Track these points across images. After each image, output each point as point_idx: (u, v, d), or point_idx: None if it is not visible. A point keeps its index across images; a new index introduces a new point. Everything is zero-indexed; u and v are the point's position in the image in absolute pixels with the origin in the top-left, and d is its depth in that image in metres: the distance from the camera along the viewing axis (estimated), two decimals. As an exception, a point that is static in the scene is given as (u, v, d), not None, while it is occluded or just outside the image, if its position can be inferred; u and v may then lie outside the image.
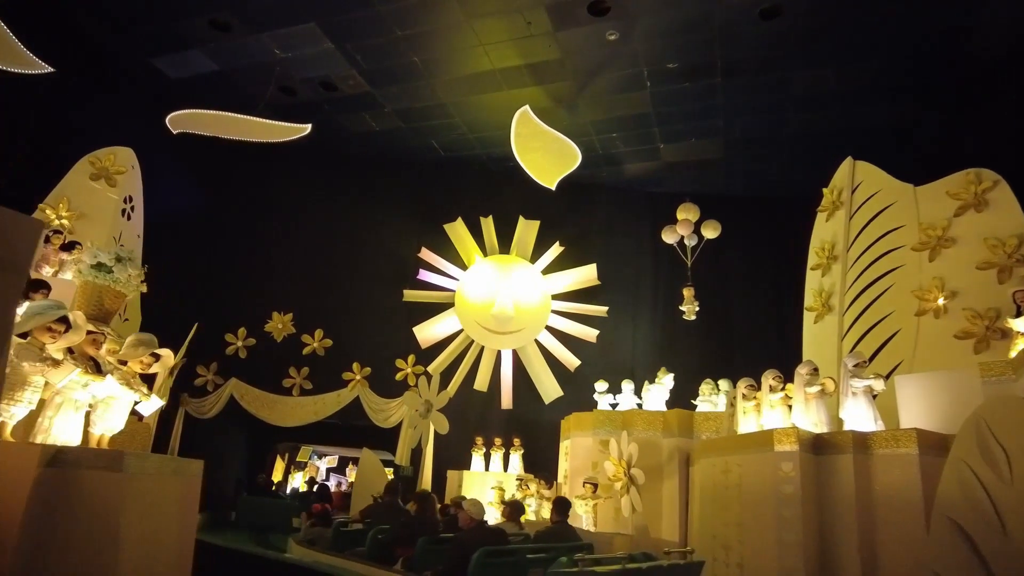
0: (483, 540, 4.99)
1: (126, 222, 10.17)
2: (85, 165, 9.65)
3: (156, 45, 10.68)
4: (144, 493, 3.31)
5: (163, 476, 3.51)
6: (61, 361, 3.56)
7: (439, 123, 12.28)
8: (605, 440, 9.42)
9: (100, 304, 3.90)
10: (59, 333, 3.64)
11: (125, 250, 3.99)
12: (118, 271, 3.90)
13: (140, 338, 4.31)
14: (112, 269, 3.89)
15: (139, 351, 4.23)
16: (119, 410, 4.10)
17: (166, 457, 3.70)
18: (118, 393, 4.13)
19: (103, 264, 3.86)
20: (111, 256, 3.90)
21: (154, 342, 4.33)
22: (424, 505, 6.27)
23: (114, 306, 3.99)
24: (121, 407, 4.12)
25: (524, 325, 12.94)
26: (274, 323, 12.72)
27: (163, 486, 3.51)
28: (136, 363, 4.25)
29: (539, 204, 13.17)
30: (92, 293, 3.90)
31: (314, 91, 11.63)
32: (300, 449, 19.65)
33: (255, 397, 12.17)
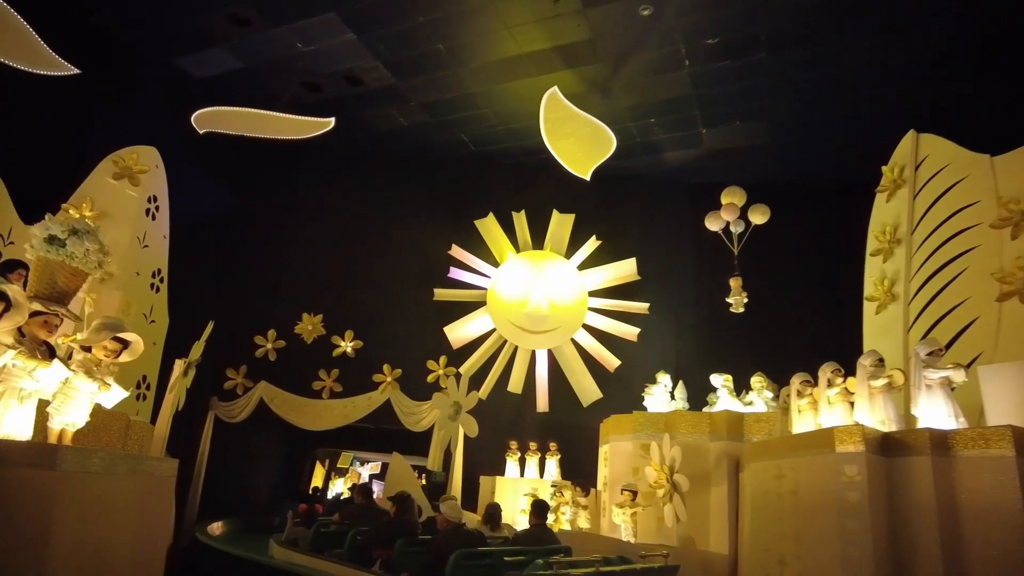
0: (459, 542, 5.01)
1: (151, 222, 10.01)
2: (108, 165, 9.52)
3: (179, 44, 10.55)
4: (85, 494, 2.86)
5: (114, 475, 3.05)
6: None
7: (467, 115, 11.82)
8: (646, 444, 8.72)
9: (53, 283, 3.48)
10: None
11: (83, 222, 3.56)
12: (72, 245, 3.48)
13: (104, 322, 3.90)
14: (65, 243, 3.46)
15: (101, 336, 3.82)
16: (79, 402, 3.69)
17: (121, 454, 3.27)
18: (79, 384, 3.73)
19: (55, 237, 3.45)
20: (64, 228, 3.48)
21: (119, 326, 3.91)
22: (402, 507, 6.20)
23: (70, 285, 3.57)
24: (82, 399, 3.71)
25: (559, 324, 12.32)
26: (304, 325, 12.46)
27: (114, 487, 3.05)
28: (99, 350, 3.84)
29: (574, 197, 12.58)
30: (45, 270, 3.49)
31: (339, 86, 11.34)
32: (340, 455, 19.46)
33: (284, 400, 11.90)
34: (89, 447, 3.06)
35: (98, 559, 2.90)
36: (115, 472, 3.07)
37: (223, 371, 12.03)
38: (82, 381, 3.73)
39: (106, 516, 2.98)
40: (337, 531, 6.78)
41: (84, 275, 3.71)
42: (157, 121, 11.01)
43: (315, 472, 17.56)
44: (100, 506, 2.96)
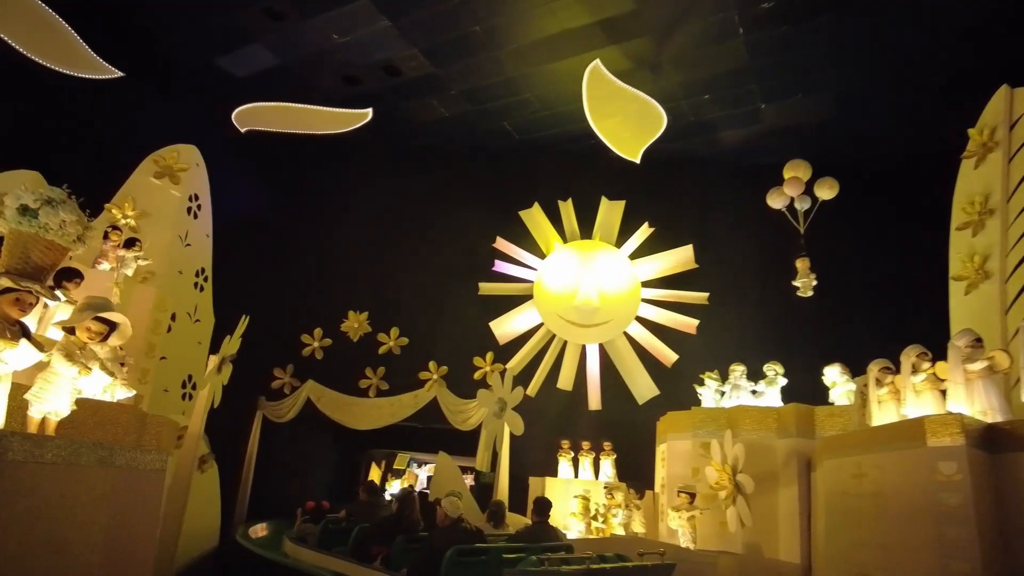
0: (455, 539, 5.00)
1: (193, 220, 9.97)
2: (149, 164, 9.52)
3: (217, 43, 10.49)
4: (37, 487, 2.49)
5: (77, 467, 2.68)
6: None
7: (509, 101, 11.35)
8: (706, 443, 8.03)
9: (26, 257, 3.18)
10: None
11: (58, 192, 3.24)
12: (45, 215, 3.17)
13: (87, 301, 3.61)
14: (37, 213, 3.14)
15: (83, 316, 3.52)
16: (59, 388, 3.38)
17: (88, 443, 2.91)
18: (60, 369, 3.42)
19: (27, 207, 3.14)
20: (37, 197, 3.16)
21: (104, 306, 3.60)
22: (403, 504, 6.22)
23: (45, 260, 3.26)
24: (63, 385, 3.40)
25: (611, 316, 11.67)
26: (350, 322, 12.27)
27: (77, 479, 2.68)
28: (83, 331, 3.54)
29: (624, 184, 11.94)
30: (17, 243, 3.19)
31: (377, 78, 11.07)
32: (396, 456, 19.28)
33: (331, 399, 11.72)
34: (44, 435, 2.70)
35: (56, 560, 2.54)
36: (78, 463, 2.70)
37: (270, 371, 11.94)
38: (62, 365, 3.43)
39: (66, 512, 2.62)
40: (343, 528, 6.84)
41: (62, 249, 3.40)
42: (199, 121, 11.04)
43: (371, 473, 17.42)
44: (58, 501, 2.60)
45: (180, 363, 9.02)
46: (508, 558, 4.61)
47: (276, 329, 12.13)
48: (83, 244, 3.52)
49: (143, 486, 3.19)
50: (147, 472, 3.24)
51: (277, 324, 12.08)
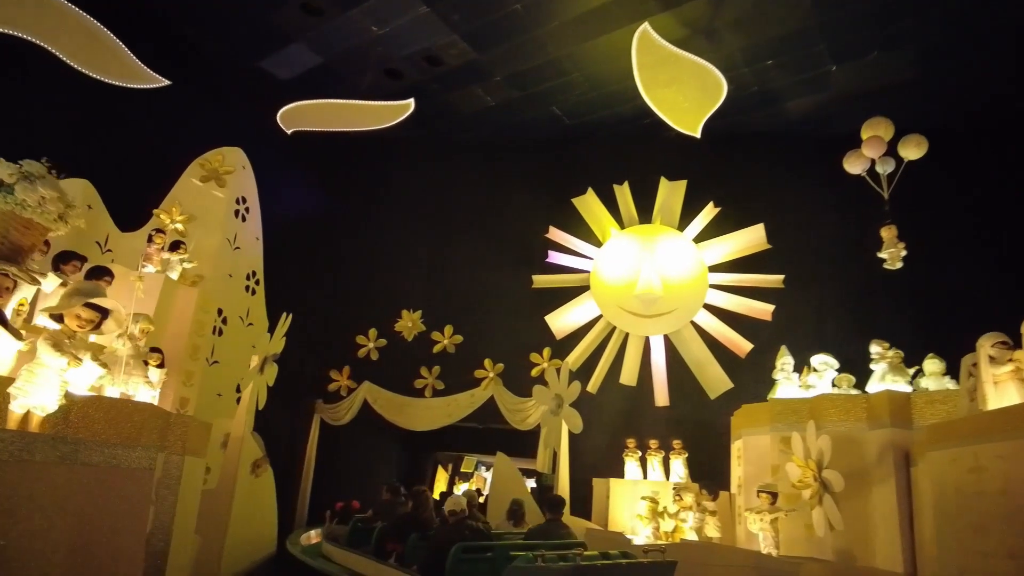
0: (459, 536, 5.04)
1: (241, 223, 9.91)
2: (195, 168, 9.52)
3: (259, 45, 10.44)
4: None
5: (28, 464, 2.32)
6: None
7: (556, 84, 10.80)
8: (786, 437, 7.22)
9: (4, 236, 2.87)
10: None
11: (37, 165, 2.93)
12: (22, 191, 2.86)
13: (76, 287, 3.30)
14: (13, 189, 2.84)
15: (72, 302, 3.20)
16: (45, 381, 3.07)
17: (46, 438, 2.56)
18: (46, 359, 3.12)
19: (3, 182, 2.83)
20: (13, 172, 2.86)
21: (94, 291, 3.28)
22: (417, 502, 6.30)
23: (25, 240, 2.97)
24: (49, 377, 3.09)
25: (676, 305, 10.89)
26: (404, 322, 12.01)
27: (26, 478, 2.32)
28: (72, 319, 3.22)
29: (684, 163, 11.18)
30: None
31: (419, 69, 10.77)
32: (463, 459, 18.97)
33: (387, 400, 11.48)
34: None
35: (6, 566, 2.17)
36: (32, 460, 2.35)
37: (326, 373, 11.81)
38: (49, 356, 3.12)
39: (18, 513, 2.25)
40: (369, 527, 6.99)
41: (41, 228, 3.11)
42: (247, 125, 11.01)
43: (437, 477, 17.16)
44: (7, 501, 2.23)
45: (233, 367, 8.92)
46: (514, 555, 4.52)
47: (331, 331, 12.03)
48: (65, 224, 3.22)
49: (124, 485, 2.83)
50: (129, 471, 2.89)
51: (332, 326, 11.97)
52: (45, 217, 3.02)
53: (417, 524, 5.94)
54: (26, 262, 3.08)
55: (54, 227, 3.11)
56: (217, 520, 7.05)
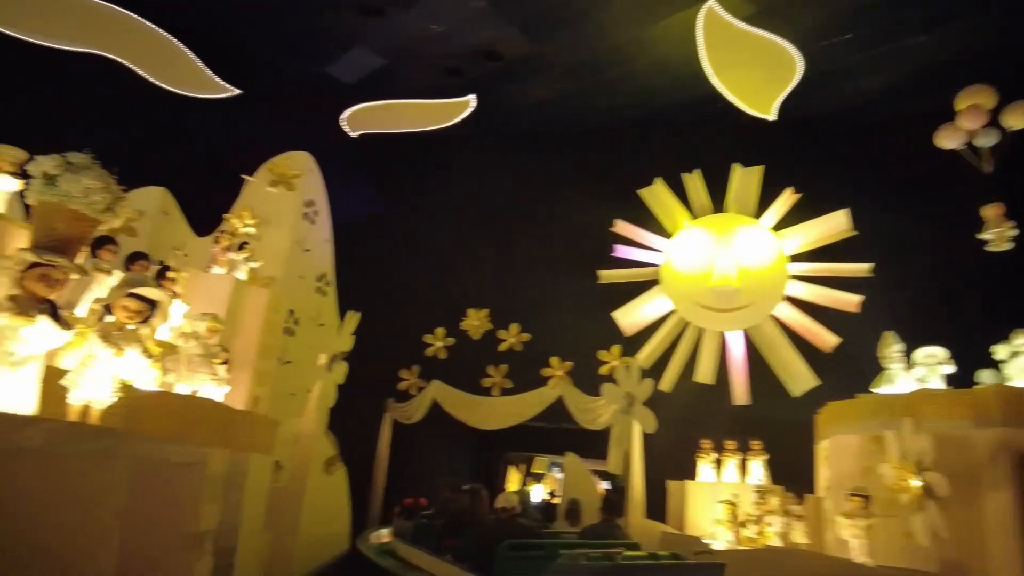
0: (506, 532, 5.08)
1: (310, 226, 10.09)
2: (264, 173, 9.75)
3: (322, 51, 10.61)
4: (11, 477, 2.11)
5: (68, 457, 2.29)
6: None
7: (618, 72, 10.45)
8: (878, 436, 6.63)
9: (52, 229, 2.89)
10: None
11: (80, 156, 2.94)
12: (66, 182, 2.86)
13: (123, 278, 3.31)
14: (58, 180, 2.85)
15: (118, 293, 3.20)
16: (97, 372, 3.08)
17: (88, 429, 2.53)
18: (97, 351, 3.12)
19: (47, 174, 2.84)
20: (58, 163, 2.87)
21: (139, 282, 3.28)
22: (473, 499, 6.36)
23: (72, 231, 2.97)
24: (100, 368, 3.10)
25: (754, 298, 10.32)
26: (470, 320, 11.97)
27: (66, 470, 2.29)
28: (119, 310, 3.22)
29: (759, 149, 10.60)
30: (42, 215, 2.92)
31: (479, 66, 10.67)
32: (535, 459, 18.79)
33: (456, 399, 11.46)
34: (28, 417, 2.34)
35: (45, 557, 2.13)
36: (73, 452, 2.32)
37: (396, 372, 11.90)
38: (98, 347, 3.13)
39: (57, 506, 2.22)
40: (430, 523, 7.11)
41: (90, 220, 3.11)
42: (314, 130, 11.24)
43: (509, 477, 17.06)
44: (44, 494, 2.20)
45: (306, 367, 9.08)
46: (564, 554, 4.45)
47: (399, 330, 12.11)
48: (114, 215, 3.21)
49: (171, 479, 2.80)
50: (178, 465, 2.86)
51: (400, 325, 12.04)
52: (92, 208, 3.01)
53: (471, 521, 6.01)
54: (75, 254, 3.07)
55: (103, 218, 3.09)
56: (289, 517, 7.14)
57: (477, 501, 6.33)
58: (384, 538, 8.54)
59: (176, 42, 9.41)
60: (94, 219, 3.13)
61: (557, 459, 18.13)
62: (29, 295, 2.90)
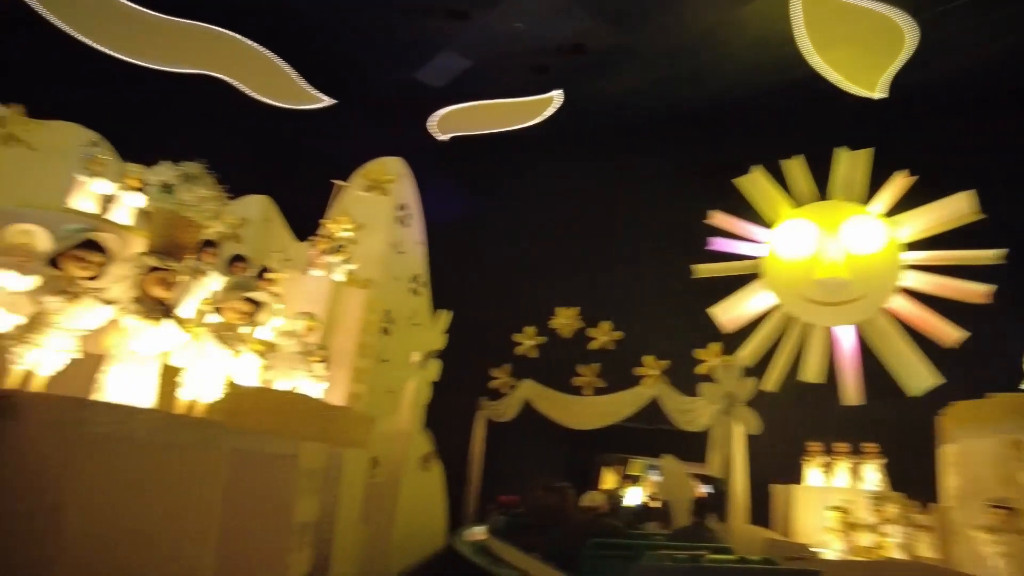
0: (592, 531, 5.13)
1: (403, 229, 10.36)
2: (359, 179, 10.09)
3: (411, 57, 10.83)
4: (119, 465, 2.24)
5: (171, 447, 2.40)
6: (79, 296, 2.77)
7: (710, 57, 10.04)
8: (1019, 440, 5.97)
9: (169, 235, 3.08)
10: (93, 264, 2.88)
11: (195, 167, 3.12)
12: (183, 192, 3.04)
13: (234, 280, 3.47)
14: (176, 190, 3.03)
15: (232, 296, 3.37)
16: (208, 370, 3.24)
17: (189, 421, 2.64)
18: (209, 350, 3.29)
19: (167, 184, 3.03)
20: (176, 174, 3.05)
21: (250, 285, 3.43)
22: (560, 498, 6.43)
23: (186, 238, 3.16)
24: (212, 367, 3.26)
25: (866, 290, 9.59)
26: (559, 318, 11.85)
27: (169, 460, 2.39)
28: (230, 312, 3.38)
29: (866, 130, 9.88)
30: (160, 221, 3.14)
31: (566, 61, 10.55)
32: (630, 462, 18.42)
33: (548, 398, 11.39)
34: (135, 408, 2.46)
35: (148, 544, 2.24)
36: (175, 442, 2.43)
37: (488, 371, 11.98)
38: (213, 347, 3.30)
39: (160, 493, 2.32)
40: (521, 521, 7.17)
41: (199, 226, 3.29)
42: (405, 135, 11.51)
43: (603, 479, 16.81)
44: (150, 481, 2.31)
45: (402, 366, 9.32)
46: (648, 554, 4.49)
47: (491, 329, 12.17)
48: (218, 221, 3.39)
49: (267, 471, 2.88)
50: (272, 457, 2.94)
51: (491, 324, 12.10)
52: (202, 216, 3.18)
53: (558, 519, 6.07)
54: (184, 258, 3.25)
55: (209, 225, 3.27)
56: (386, 512, 7.31)
57: (564, 500, 6.37)
58: (479, 535, 8.59)
59: (274, 57, 9.91)
60: (202, 225, 3.31)
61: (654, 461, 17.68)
62: (149, 297, 3.09)
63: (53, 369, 2.77)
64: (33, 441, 2.17)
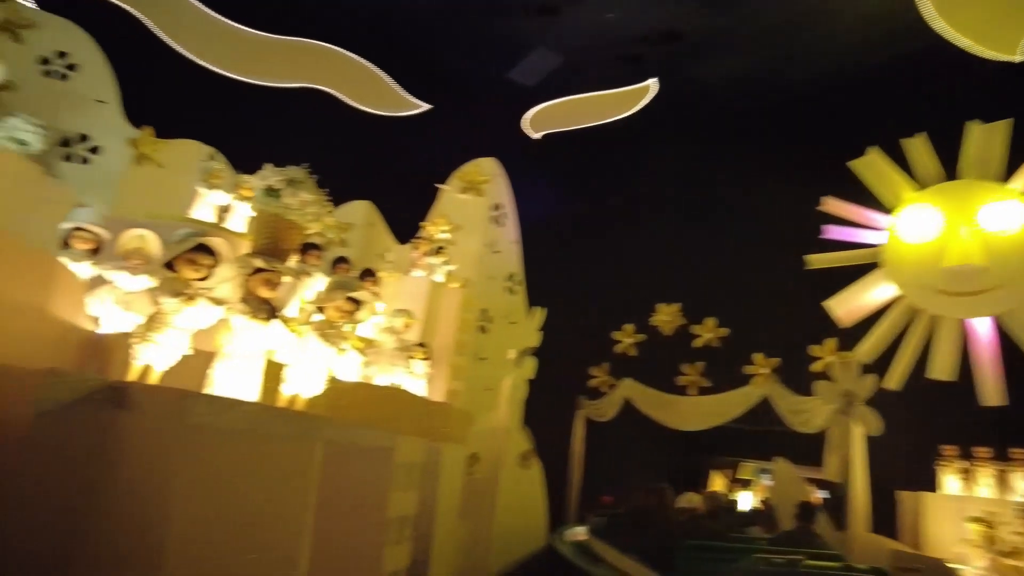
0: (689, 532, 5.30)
1: (498, 228, 10.44)
2: (455, 181, 10.26)
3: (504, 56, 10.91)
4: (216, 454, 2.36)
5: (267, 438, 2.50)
6: (192, 297, 2.95)
7: (817, 33, 9.46)
8: None
9: (273, 237, 3.23)
10: (204, 266, 3.07)
11: (299, 171, 3.26)
12: (287, 196, 3.18)
13: (336, 280, 3.61)
14: (280, 194, 3.18)
15: (334, 295, 3.50)
16: (312, 367, 3.38)
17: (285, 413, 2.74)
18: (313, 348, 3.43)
19: (271, 188, 3.19)
20: (281, 178, 3.20)
21: (351, 284, 3.55)
22: (658, 499, 6.44)
23: (286, 239, 3.29)
24: (315, 364, 3.39)
25: (1004, 279, 8.60)
26: (660, 315, 11.51)
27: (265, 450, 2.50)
28: (333, 311, 3.51)
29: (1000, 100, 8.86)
30: (264, 224, 3.29)
31: (660, 49, 10.30)
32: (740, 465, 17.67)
33: (650, 398, 11.10)
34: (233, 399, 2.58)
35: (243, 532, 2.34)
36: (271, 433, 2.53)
37: (587, 369, 11.83)
38: (316, 344, 3.44)
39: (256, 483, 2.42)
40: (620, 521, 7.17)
41: (301, 229, 3.43)
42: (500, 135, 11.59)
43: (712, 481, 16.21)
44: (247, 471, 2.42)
45: (500, 364, 9.40)
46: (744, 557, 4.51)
47: (589, 327, 12.04)
48: (320, 223, 3.53)
49: (362, 463, 2.95)
50: (368, 449, 3.00)
51: (589, 322, 11.97)
52: (305, 219, 3.31)
53: (655, 520, 6.14)
54: (287, 259, 3.40)
55: (311, 227, 3.40)
56: (485, 509, 7.37)
57: (662, 501, 6.39)
58: (580, 536, 8.49)
59: (372, 67, 10.29)
60: (305, 227, 3.45)
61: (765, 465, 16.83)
62: (254, 297, 3.25)
63: (168, 365, 2.96)
64: (143, 430, 2.32)
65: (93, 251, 3.82)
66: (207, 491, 2.28)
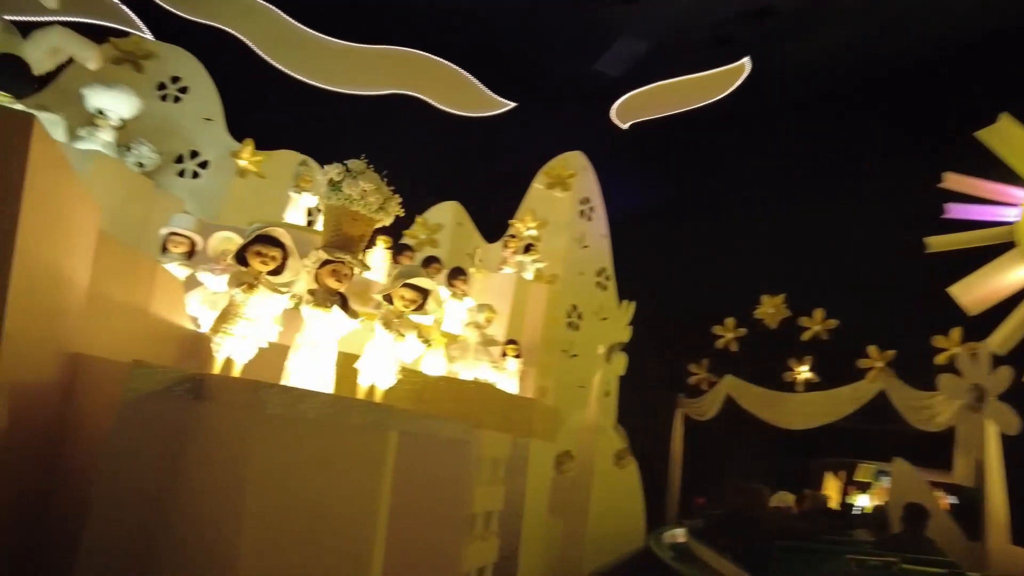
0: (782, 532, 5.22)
1: (587, 223, 10.29)
2: (542, 176, 10.20)
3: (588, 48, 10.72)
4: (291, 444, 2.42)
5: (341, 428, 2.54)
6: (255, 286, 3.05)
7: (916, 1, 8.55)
8: None
9: (339, 229, 3.29)
10: (270, 257, 3.16)
11: (357, 163, 3.31)
12: (347, 187, 3.22)
13: (400, 270, 3.61)
14: (341, 186, 3.23)
15: (395, 284, 3.51)
16: (380, 357, 3.40)
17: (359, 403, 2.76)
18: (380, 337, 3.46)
19: (332, 180, 3.25)
20: (341, 170, 3.26)
21: (414, 272, 3.54)
22: (752, 499, 6.28)
23: (354, 231, 3.32)
24: (383, 353, 3.41)
25: None
26: (764, 308, 10.95)
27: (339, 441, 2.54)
28: (398, 300, 3.52)
29: None
30: (330, 217, 3.34)
31: (750, 28, 9.76)
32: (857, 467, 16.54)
33: (754, 395, 10.58)
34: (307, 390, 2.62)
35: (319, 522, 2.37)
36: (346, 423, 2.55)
37: (685, 366, 11.42)
38: (381, 332, 3.47)
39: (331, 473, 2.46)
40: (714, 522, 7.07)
41: (367, 219, 3.45)
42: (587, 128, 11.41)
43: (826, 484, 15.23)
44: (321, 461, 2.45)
45: (592, 360, 9.24)
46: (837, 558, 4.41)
47: (686, 322, 11.63)
48: (387, 213, 3.52)
49: (440, 455, 2.92)
50: (445, 441, 2.98)
51: (686, 317, 11.56)
52: (368, 208, 3.33)
53: (750, 521, 5.92)
54: (357, 251, 3.43)
55: (377, 217, 3.40)
56: (579, 508, 7.25)
57: (755, 501, 6.25)
58: (679, 537, 8.19)
59: (457, 69, 10.42)
60: (371, 218, 3.49)
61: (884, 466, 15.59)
62: (324, 288, 3.32)
63: (247, 357, 3.07)
64: (219, 420, 2.40)
65: (188, 254, 4.07)
66: (280, 482, 2.33)
